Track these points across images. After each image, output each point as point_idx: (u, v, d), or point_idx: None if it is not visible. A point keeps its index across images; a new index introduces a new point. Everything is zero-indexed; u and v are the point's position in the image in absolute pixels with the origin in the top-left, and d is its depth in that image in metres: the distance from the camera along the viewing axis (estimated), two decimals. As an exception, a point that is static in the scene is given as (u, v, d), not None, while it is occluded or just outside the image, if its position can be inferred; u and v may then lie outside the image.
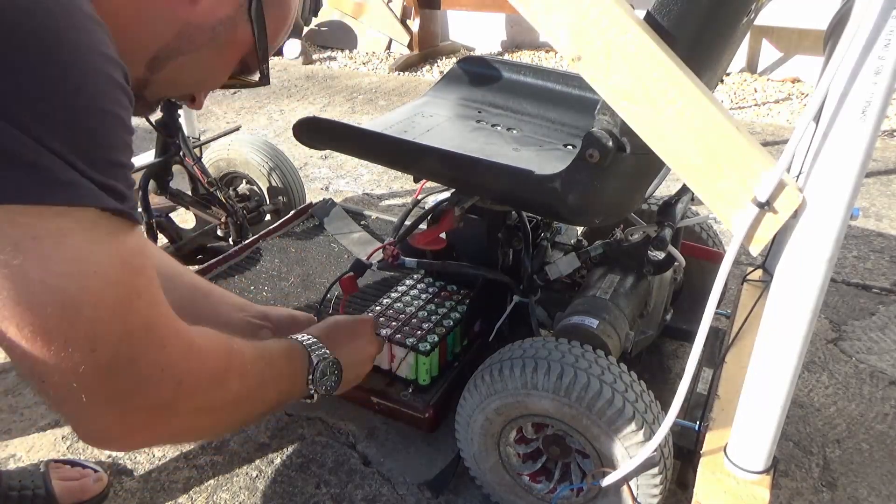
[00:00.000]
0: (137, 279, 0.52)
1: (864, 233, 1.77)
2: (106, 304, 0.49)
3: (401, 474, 1.06)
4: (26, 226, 0.44)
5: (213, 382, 0.61)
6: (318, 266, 1.43)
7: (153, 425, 0.56)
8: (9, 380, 1.28)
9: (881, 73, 0.52)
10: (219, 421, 0.66)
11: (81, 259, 0.47)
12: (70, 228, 0.46)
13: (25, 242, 0.44)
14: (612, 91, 0.61)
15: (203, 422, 0.63)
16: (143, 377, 0.53)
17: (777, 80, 3.11)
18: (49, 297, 0.46)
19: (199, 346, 0.59)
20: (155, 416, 0.56)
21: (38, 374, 0.49)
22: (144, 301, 0.53)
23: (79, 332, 0.48)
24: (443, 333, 1.07)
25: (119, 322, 0.50)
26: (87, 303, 0.48)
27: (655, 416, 0.82)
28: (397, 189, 2.14)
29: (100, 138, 0.47)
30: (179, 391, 0.56)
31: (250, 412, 0.71)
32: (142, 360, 0.53)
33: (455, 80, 1.30)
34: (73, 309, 0.47)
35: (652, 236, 0.99)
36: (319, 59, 3.83)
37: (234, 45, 0.64)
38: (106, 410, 0.52)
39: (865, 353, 1.32)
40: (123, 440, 0.57)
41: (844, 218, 0.58)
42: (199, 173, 1.51)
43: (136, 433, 0.56)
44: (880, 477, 1.05)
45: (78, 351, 0.48)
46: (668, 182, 1.16)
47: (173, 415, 0.57)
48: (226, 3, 0.60)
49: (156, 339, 0.54)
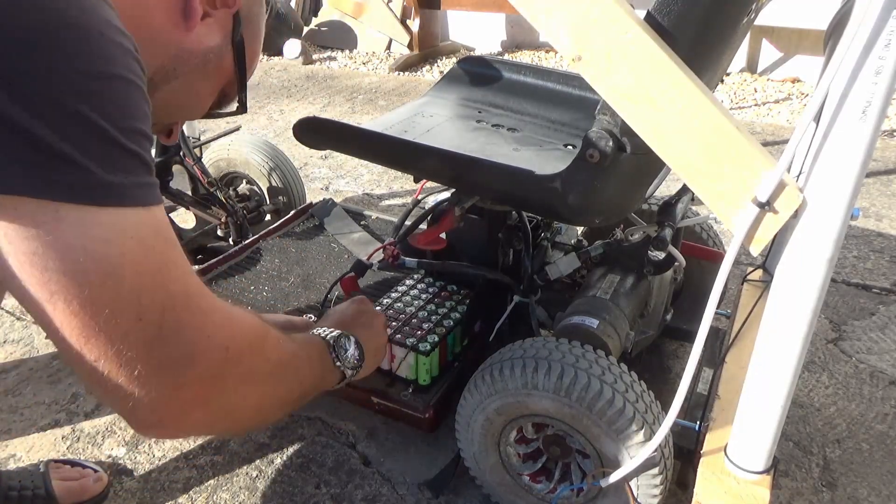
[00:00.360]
0: (172, 250, 0.53)
1: (864, 233, 1.77)
2: (147, 271, 0.49)
3: (401, 474, 1.06)
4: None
5: (254, 349, 0.61)
6: (318, 266, 1.43)
7: (207, 399, 0.56)
8: (9, 380, 1.28)
9: (881, 74, 0.52)
10: (264, 395, 0.65)
11: (118, 226, 0.48)
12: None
13: (64, 211, 0.45)
14: (613, 91, 0.61)
15: (251, 396, 0.62)
16: (191, 344, 0.53)
17: (777, 80, 3.11)
18: (92, 265, 0.46)
19: (237, 315, 0.60)
20: (207, 387, 0.56)
21: (91, 355, 0.49)
22: (181, 270, 0.53)
23: (124, 301, 0.48)
24: (443, 333, 1.07)
25: (161, 290, 0.51)
26: (129, 269, 0.48)
27: (656, 417, 0.82)
28: (397, 189, 2.14)
29: (125, 105, 0.48)
30: (227, 358, 0.56)
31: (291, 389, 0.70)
32: (187, 328, 0.53)
33: (455, 80, 1.30)
34: (116, 276, 0.47)
35: (652, 236, 0.99)
36: (319, 59, 3.83)
37: (219, 74, 0.67)
38: (158, 384, 0.52)
39: (865, 353, 1.32)
40: (179, 421, 0.56)
41: (844, 218, 0.58)
42: (199, 173, 1.51)
43: (191, 411, 0.56)
44: (880, 477, 1.05)
45: (125, 320, 0.48)
46: (668, 182, 1.16)
47: (224, 385, 0.57)
48: (215, 33, 0.63)
49: (197, 307, 0.54)
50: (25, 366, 1.32)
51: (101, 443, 1.14)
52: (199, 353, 0.54)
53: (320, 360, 0.77)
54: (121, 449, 1.13)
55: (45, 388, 1.26)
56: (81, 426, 1.17)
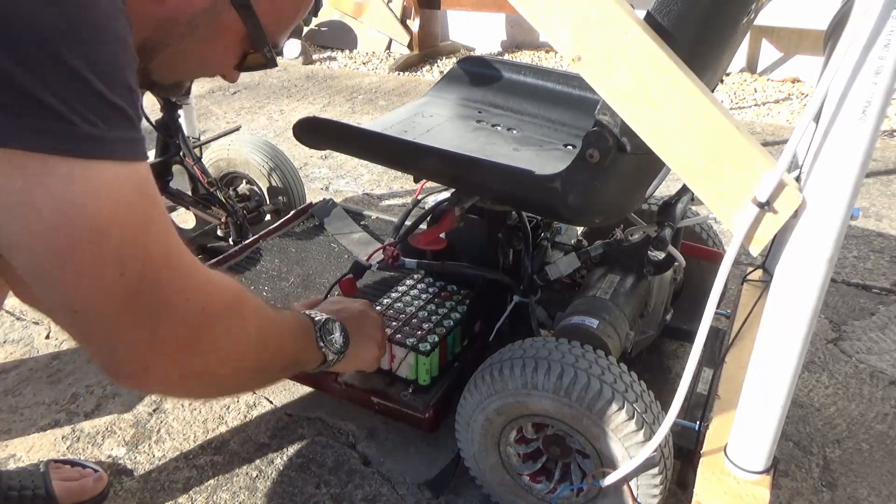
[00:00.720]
0: (154, 208, 0.53)
1: (864, 233, 1.77)
2: (131, 227, 0.50)
3: (401, 474, 1.06)
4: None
5: (231, 312, 0.62)
6: (318, 266, 1.43)
7: (180, 355, 0.57)
8: (9, 380, 1.28)
9: (881, 73, 0.52)
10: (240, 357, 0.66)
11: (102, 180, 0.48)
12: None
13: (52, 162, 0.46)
14: (613, 91, 0.61)
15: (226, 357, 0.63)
16: (169, 301, 0.54)
17: (777, 80, 3.11)
18: (79, 219, 0.47)
19: (216, 277, 0.61)
20: (180, 344, 0.57)
21: (69, 302, 0.51)
22: (163, 230, 0.54)
23: (108, 255, 0.49)
24: (443, 333, 1.07)
25: (143, 247, 0.52)
26: (113, 225, 0.49)
27: (655, 416, 0.82)
28: (397, 189, 2.14)
29: (113, 60, 0.48)
30: (203, 317, 0.58)
31: (269, 358, 0.71)
32: (167, 285, 0.54)
33: (455, 80, 1.30)
34: (102, 230, 0.48)
35: (652, 236, 0.99)
36: (319, 59, 3.83)
37: (225, 34, 0.64)
38: (135, 336, 0.53)
39: (865, 353, 1.32)
40: (151, 371, 0.57)
41: (844, 218, 0.58)
42: (199, 173, 1.51)
43: (165, 362, 0.57)
44: (880, 477, 1.05)
45: (108, 273, 0.50)
46: (668, 182, 1.16)
47: (198, 344, 0.58)
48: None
49: (177, 266, 0.55)
50: (25, 366, 1.32)
51: (101, 443, 1.14)
52: (174, 309, 0.55)
53: (304, 337, 0.78)
54: (121, 449, 1.13)
55: (45, 388, 1.26)
56: (81, 426, 1.17)
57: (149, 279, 0.52)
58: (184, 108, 1.55)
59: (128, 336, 0.53)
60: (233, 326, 0.63)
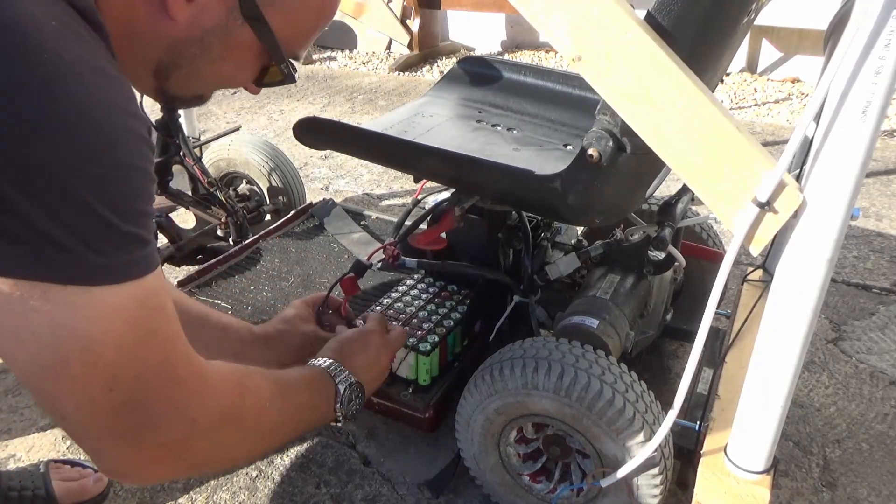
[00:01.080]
0: (155, 317, 0.53)
1: (864, 233, 1.77)
2: (126, 346, 0.51)
3: (401, 474, 1.06)
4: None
5: (226, 420, 0.61)
6: (318, 266, 1.43)
7: (168, 461, 0.57)
8: (9, 380, 1.28)
9: (881, 74, 0.52)
10: (235, 455, 0.67)
11: (106, 305, 0.49)
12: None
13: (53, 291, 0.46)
14: (613, 91, 0.61)
15: (219, 456, 0.64)
16: (157, 415, 0.54)
17: (777, 80, 3.11)
18: (73, 342, 0.48)
19: (213, 384, 0.60)
20: (169, 453, 0.57)
21: (57, 410, 0.51)
22: (161, 339, 0.54)
23: (98, 374, 0.50)
24: (443, 333, 1.07)
25: (137, 362, 0.52)
26: (109, 346, 0.49)
27: (656, 417, 0.82)
28: (397, 189, 2.14)
29: (129, 191, 0.49)
30: (193, 429, 0.57)
31: (269, 445, 0.72)
32: (156, 399, 0.54)
33: (455, 80, 1.30)
34: (95, 352, 0.49)
35: (652, 236, 0.99)
36: (319, 59, 3.83)
37: (239, 50, 0.62)
38: (120, 446, 0.54)
39: (865, 353, 1.32)
40: (141, 474, 0.58)
41: (845, 218, 0.58)
42: (199, 173, 1.51)
43: (152, 468, 0.57)
44: (880, 477, 1.05)
45: (96, 390, 0.50)
46: (668, 182, 1.16)
47: (187, 451, 0.58)
48: (211, 14, 0.58)
49: (171, 378, 0.55)
50: (25, 366, 1.32)
51: (101, 443, 1.14)
52: (161, 423, 0.55)
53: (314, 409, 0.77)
54: (121, 449, 1.12)
55: (45, 388, 1.26)
56: (81, 426, 1.17)
57: (139, 392, 0.53)
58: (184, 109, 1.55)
59: (114, 443, 0.53)
60: (226, 433, 0.62)
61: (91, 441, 0.54)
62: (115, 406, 0.51)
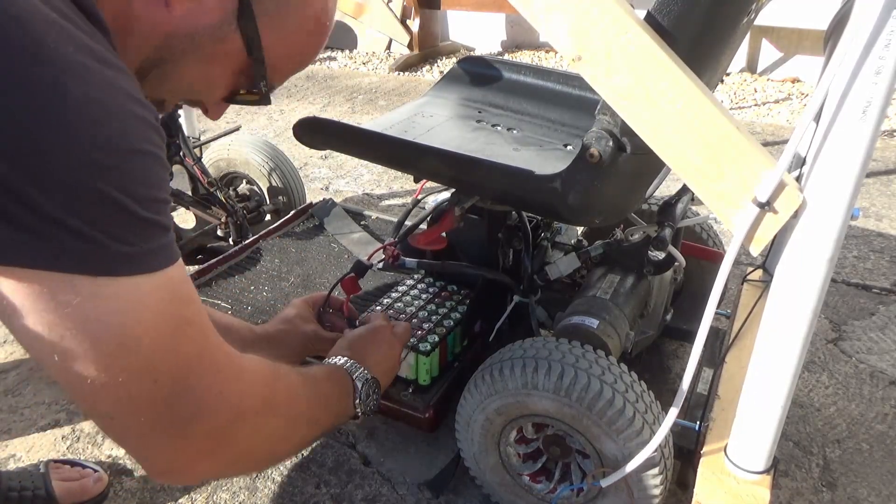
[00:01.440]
0: (187, 308, 0.53)
1: (864, 233, 1.77)
2: (161, 335, 0.50)
3: (401, 474, 1.06)
4: None
5: (265, 405, 0.62)
6: (318, 266, 1.43)
7: (214, 452, 0.57)
8: (9, 380, 1.28)
9: (881, 74, 0.52)
10: (275, 445, 0.67)
11: (134, 295, 0.48)
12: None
13: (81, 283, 0.46)
14: (613, 91, 0.61)
15: (261, 447, 0.64)
16: (202, 403, 0.54)
17: (777, 80, 3.11)
18: (108, 335, 0.47)
19: (249, 370, 0.61)
20: (216, 442, 0.57)
21: (103, 411, 0.51)
22: (195, 329, 0.54)
23: (139, 366, 0.49)
24: (443, 333, 1.07)
25: (175, 353, 0.52)
26: (144, 336, 0.49)
27: (656, 417, 0.82)
28: (397, 189, 2.14)
29: (143, 177, 0.48)
30: (236, 415, 0.58)
31: (304, 436, 0.72)
32: (199, 387, 0.54)
33: (455, 80, 1.30)
34: (131, 344, 0.49)
35: (652, 236, 0.99)
36: (319, 59, 3.83)
37: (224, 58, 0.61)
38: (169, 440, 0.54)
39: (865, 353, 1.32)
40: (188, 470, 0.58)
41: (845, 218, 0.58)
42: (199, 173, 1.51)
43: (199, 462, 0.57)
44: (880, 477, 1.05)
45: (140, 384, 0.50)
46: (668, 182, 1.16)
47: (232, 440, 0.58)
48: (207, 13, 0.57)
49: (210, 366, 0.55)
50: (25, 366, 1.32)
51: (101, 443, 1.14)
52: (207, 410, 0.55)
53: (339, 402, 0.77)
54: (121, 449, 1.13)
55: (45, 388, 1.26)
56: (81, 426, 1.17)
57: (180, 382, 0.52)
58: (184, 108, 1.56)
59: (161, 437, 0.53)
60: (266, 417, 0.63)
61: (137, 439, 0.53)
62: (159, 399, 0.51)
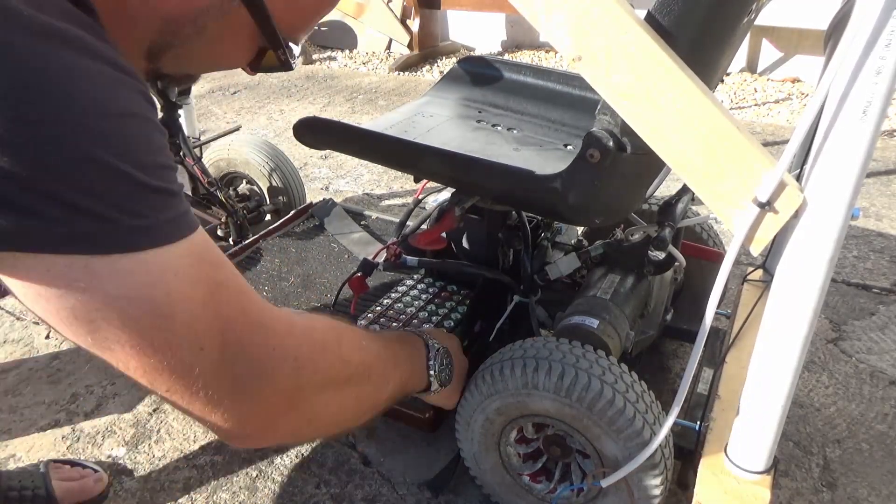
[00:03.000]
0: (217, 271, 0.51)
1: (864, 233, 1.77)
2: (195, 303, 0.48)
3: (401, 474, 1.06)
4: None
5: (327, 352, 0.60)
6: (318, 266, 1.43)
7: (288, 408, 0.56)
8: (9, 380, 1.28)
9: (882, 74, 0.52)
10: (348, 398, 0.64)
11: (157, 267, 0.46)
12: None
13: (94, 263, 0.44)
14: (613, 91, 0.61)
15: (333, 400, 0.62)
16: (258, 360, 0.53)
17: (777, 80, 3.11)
18: (139, 311, 0.45)
19: (301, 322, 0.59)
20: (286, 397, 0.55)
21: (162, 388, 0.49)
22: (230, 291, 0.52)
23: (180, 336, 0.48)
24: (443, 333, 1.07)
25: (214, 316, 0.50)
26: (178, 305, 0.47)
27: (656, 417, 0.82)
28: (397, 189, 2.14)
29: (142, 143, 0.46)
30: (298, 367, 0.56)
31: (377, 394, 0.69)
32: (252, 346, 0.52)
33: (455, 79, 1.30)
34: (167, 316, 0.47)
35: (652, 236, 0.99)
36: (319, 59, 3.83)
37: (235, 31, 0.59)
38: (237, 405, 0.52)
39: (865, 353, 1.32)
40: (266, 433, 0.56)
41: (845, 218, 0.58)
42: (199, 173, 1.51)
43: (275, 422, 0.56)
44: (880, 477, 1.05)
45: (187, 353, 0.48)
46: (668, 182, 1.16)
47: (302, 392, 0.57)
48: None
49: (258, 324, 0.53)
50: (25, 366, 1.32)
51: (101, 443, 1.14)
52: (268, 367, 0.53)
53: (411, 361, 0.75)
54: (121, 449, 1.13)
55: (45, 388, 1.26)
56: (81, 426, 1.17)
57: (231, 344, 0.51)
58: (184, 108, 1.55)
59: (229, 403, 0.52)
60: (333, 367, 0.61)
61: (205, 409, 0.51)
62: (213, 365, 0.50)
